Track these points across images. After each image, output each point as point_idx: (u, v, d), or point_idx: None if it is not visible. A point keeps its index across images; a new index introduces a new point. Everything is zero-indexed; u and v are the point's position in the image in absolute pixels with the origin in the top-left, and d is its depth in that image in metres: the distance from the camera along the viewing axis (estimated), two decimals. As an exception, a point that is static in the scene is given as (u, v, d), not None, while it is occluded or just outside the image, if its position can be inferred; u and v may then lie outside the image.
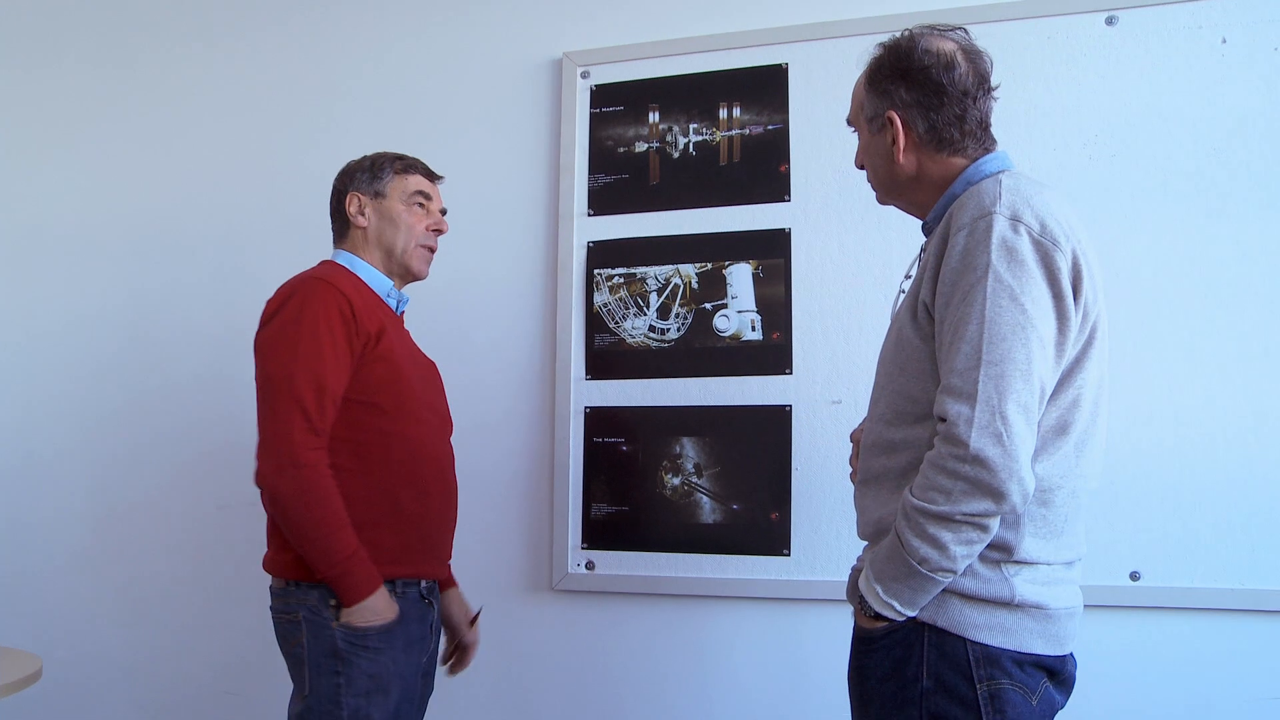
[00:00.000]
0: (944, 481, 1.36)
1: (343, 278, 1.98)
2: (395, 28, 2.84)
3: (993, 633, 1.41)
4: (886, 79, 1.58)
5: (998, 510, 1.35)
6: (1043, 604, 1.43)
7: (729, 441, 2.46)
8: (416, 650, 1.96)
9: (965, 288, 1.39)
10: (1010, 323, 1.36)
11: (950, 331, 1.40)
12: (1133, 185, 2.30)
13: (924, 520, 1.38)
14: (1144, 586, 2.22)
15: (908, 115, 1.56)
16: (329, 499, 1.81)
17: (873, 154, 1.65)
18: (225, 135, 2.93)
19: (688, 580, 2.46)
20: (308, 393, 1.82)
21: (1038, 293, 1.38)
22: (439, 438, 2.08)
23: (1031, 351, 1.36)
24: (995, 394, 1.34)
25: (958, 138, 1.56)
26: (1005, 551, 1.42)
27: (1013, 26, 2.39)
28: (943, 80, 1.54)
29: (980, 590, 1.41)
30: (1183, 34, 2.29)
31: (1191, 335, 2.24)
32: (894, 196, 1.67)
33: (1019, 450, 1.34)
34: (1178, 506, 2.21)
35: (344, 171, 2.12)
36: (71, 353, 2.97)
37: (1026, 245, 1.38)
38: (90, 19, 3.10)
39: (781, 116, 2.51)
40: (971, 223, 1.42)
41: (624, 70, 2.64)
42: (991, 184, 1.45)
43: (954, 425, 1.35)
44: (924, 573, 1.39)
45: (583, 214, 2.63)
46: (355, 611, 1.81)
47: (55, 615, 2.90)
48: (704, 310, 2.52)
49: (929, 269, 1.48)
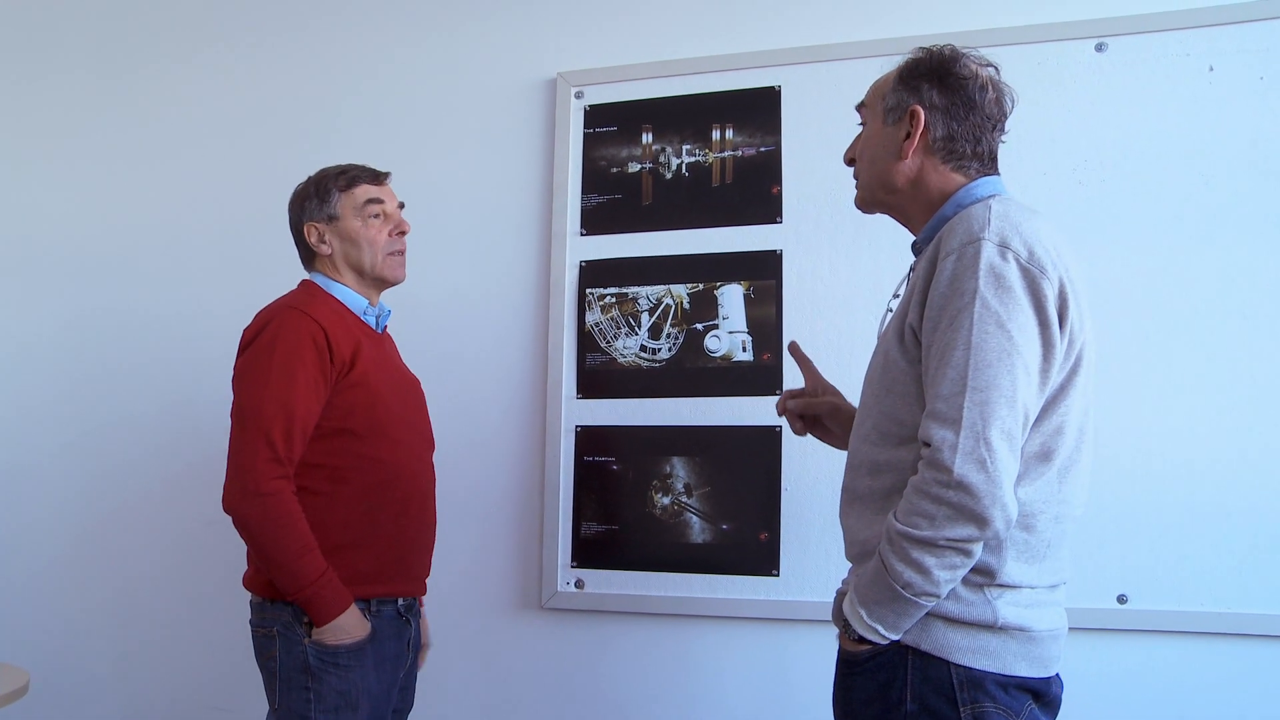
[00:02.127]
0: (928, 507, 1.37)
1: (319, 303, 1.99)
2: (390, 46, 2.86)
3: (976, 655, 1.41)
4: (922, 77, 1.59)
5: (981, 536, 1.36)
6: (1026, 626, 1.43)
7: (719, 462, 2.46)
8: (389, 667, 1.98)
9: (952, 313, 1.40)
10: (996, 349, 1.37)
11: (936, 356, 1.41)
12: (1121, 210, 2.31)
13: (908, 545, 1.38)
14: (1131, 609, 2.22)
15: (931, 116, 1.57)
16: (293, 525, 1.84)
17: (878, 145, 1.63)
18: (219, 149, 2.94)
19: (677, 600, 2.45)
20: (276, 424, 1.84)
21: (1024, 319, 1.38)
22: (416, 457, 2.09)
23: (1016, 378, 1.36)
24: (980, 420, 1.35)
25: (968, 155, 1.58)
26: (988, 575, 1.42)
27: (1003, 52, 2.35)
28: (976, 97, 1.57)
29: (963, 613, 1.42)
30: (1171, 61, 2.31)
31: (1179, 359, 2.25)
32: (881, 196, 1.66)
33: (1002, 476, 1.35)
34: (1166, 529, 2.22)
35: (293, 202, 2.12)
36: (61, 364, 2.97)
37: (1014, 272, 1.39)
38: (85, 30, 3.11)
39: (774, 138, 2.53)
40: (960, 248, 1.42)
41: (618, 91, 2.65)
42: (981, 209, 1.46)
43: (938, 451, 1.36)
44: (907, 597, 1.40)
45: (575, 233, 2.63)
46: (326, 630, 1.85)
47: (43, 629, 2.89)
48: (695, 330, 2.52)
49: (916, 291, 1.49)
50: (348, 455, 1.95)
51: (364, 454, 1.96)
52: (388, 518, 1.98)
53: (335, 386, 1.93)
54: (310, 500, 1.89)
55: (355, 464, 1.95)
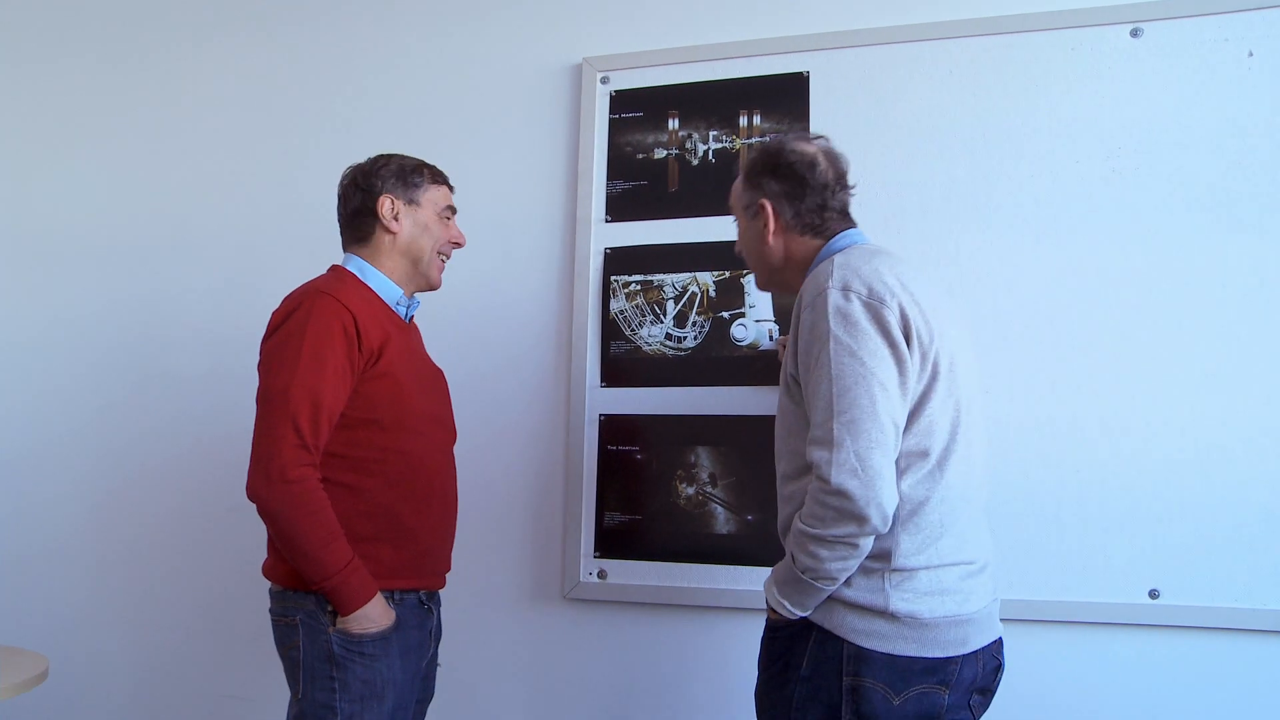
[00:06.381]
0: (818, 510, 1.62)
1: (350, 289, 1.97)
2: (414, 32, 2.84)
3: (866, 637, 1.64)
4: (759, 174, 1.88)
5: (861, 532, 1.60)
6: (916, 615, 1.64)
7: (744, 451, 2.44)
8: (414, 656, 1.97)
9: (815, 354, 1.65)
10: (852, 375, 1.61)
11: (810, 393, 1.66)
12: (1156, 199, 2.28)
13: (805, 539, 1.64)
14: (1163, 605, 2.19)
15: (777, 204, 1.86)
16: (320, 512, 1.82)
17: (749, 239, 1.93)
18: (241, 137, 2.93)
19: (700, 591, 2.43)
20: (303, 409, 1.82)
21: (873, 345, 1.62)
22: (439, 449, 2.08)
23: (875, 396, 1.60)
24: (849, 436, 1.59)
25: (819, 223, 1.85)
26: (884, 560, 1.65)
27: (1036, 38, 2.37)
28: (806, 176, 1.84)
29: (858, 598, 1.65)
30: (1209, 47, 2.27)
31: (1216, 350, 2.21)
32: (769, 277, 1.95)
33: (875, 479, 1.57)
34: (1199, 523, 2.18)
35: (367, 172, 2.06)
36: (86, 352, 2.98)
37: (857, 308, 1.64)
38: (102, 22, 3.11)
39: (802, 125, 2.50)
40: (812, 300, 1.69)
41: (644, 76, 2.63)
42: (825, 265, 1.74)
43: (820, 467, 1.61)
44: (806, 581, 1.66)
45: (600, 220, 2.61)
46: (352, 619, 1.84)
47: (63, 615, 2.89)
48: (721, 319, 2.50)
49: (791, 344, 1.75)
50: (372, 447, 1.93)
51: (389, 446, 1.94)
52: (411, 512, 1.96)
53: (362, 376, 1.91)
54: (333, 491, 1.86)
55: (380, 456, 1.93)
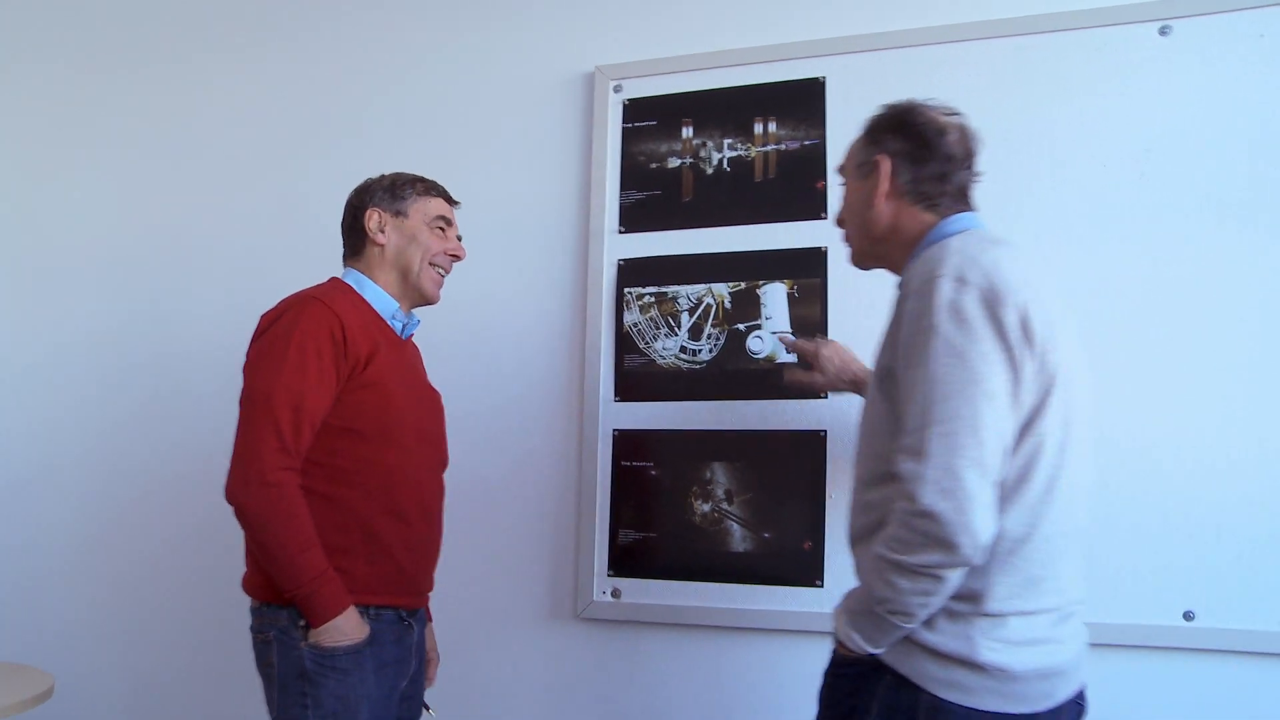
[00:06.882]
0: (902, 533, 1.43)
1: (342, 297, 1.95)
2: (425, 41, 2.81)
3: (949, 688, 1.45)
4: (883, 130, 1.70)
5: (949, 562, 1.40)
6: (1006, 668, 1.44)
7: (761, 467, 2.37)
8: (391, 672, 1.92)
9: (916, 350, 1.46)
10: (956, 380, 1.42)
11: (905, 392, 1.48)
12: (1187, 202, 2.19)
13: (884, 567, 1.46)
14: (1198, 627, 2.09)
15: (895, 164, 1.66)
16: (296, 518, 1.79)
17: (856, 199, 1.74)
18: (252, 150, 2.92)
19: (716, 610, 2.37)
20: (285, 412, 1.80)
21: (986, 348, 1.43)
22: (425, 468, 2.04)
23: (978, 407, 1.41)
24: (943, 451, 1.40)
25: (934, 196, 1.65)
26: (974, 602, 1.46)
27: (1061, 38, 2.30)
28: (933, 140, 1.65)
29: (940, 645, 1.46)
30: (1242, 43, 2.18)
31: (1251, 359, 2.12)
32: (868, 247, 1.75)
33: (969, 504, 1.38)
34: (1236, 542, 2.09)
35: (361, 188, 2.10)
36: (90, 366, 2.98)
37: (972, 303, 1.44)
38: (110, 32, 3.12)
39: (818, 131, 2.44)
40: (920, 287, 1.49)
41: (657, 84, 2.58)
42: (939, 249, 1.54)
43: (906, 482, 1.42)
44: (881, 614, 1.47)
45: (613, 231, 2.56)
46: (323, 631, 1.80)
47: (68, 633, 2.89)
48: (737, 331, 2.44)
49: (888, 332, 1.58)
50: (351, 457, 1.89)
51: (368, 457, 1.91)
52: (388, 526, 1.92)
53: (347, 384, 1.88)
54: (309, 500, 1.83)
55: (358, 466, 1.90)
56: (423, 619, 2.06)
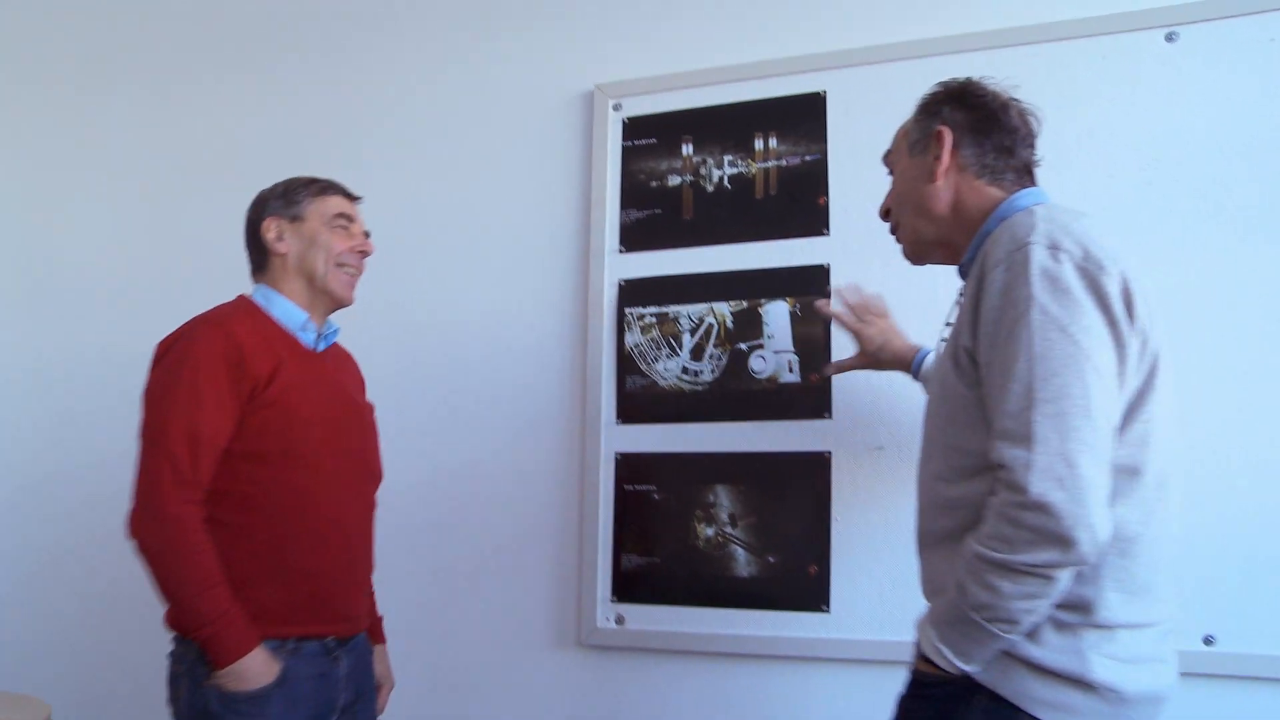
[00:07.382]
0: (1007, 530, 1.27)
1: (242, 317, 1.90)
2: (425, 60, 2.80)
3: (1054, 710, 1.30)
4: (941, 103, 1.59)
5: (1064, 560, 1.25)
6: (1118, 687, 1.30)
7: (765, 490, 2.32)
8: (304, 708, 1.82)
9: (1009, 325, 1.31)
10: (1061, 356, 1.27)
11: (999, 373, 1.32)
12: (1193, 211, 2.13)
13: (983, 567, 1.30)
14: (1219, 652, 2.02)
15: (957, 136, 1.55)
16: (196, 555, 1.73)
17: (910, 177, 1.61)
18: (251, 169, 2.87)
19: (721, 637, 2.31)
20: (180, 444, 1.74)
21: (1089, 321, 1.29)
22: (343, 487, 1.95)
23: (1089, 385, 1.27)
24: (1054, 434, 1.25)
25: (1001, 167, 1.54)
26: (1083, 612, 1.32)
27: (1066, 46, 2.25)
28: (997, 112, 1.55)
29: (1048, 661, 1.31)
30: (1250, 49, 2.12)
31: (1265, 374, 2.05)
32: (927, 231, 1.61)
33: (1086, 494, 1.24)
34: (1259, 564, 2.01)
35: (256, 200, 2.04)
36: (93, 392, 2.95)
37: (1070, 272, 1.30)
38: (114, 57, 3.13)
39: (820, 147, 2.40)
40: (1008, 256, 1.34)
41: (657, 102, 2.55)
42: (1024, 216, 1.39)
43: (1012, 471, 1.27)
44: (979, 621, 1.31)
45: (614, 250, 2.53)
46: (226, 674, 1.72)
47: (65, 661, 2.85)
48: (739, 351, 2.39)
49: (966, 311, 1.42)
50: (256, 481, 1.82)
51: (275, 479, 1.83)
52: (302, 551, 1.84)
53: (248, 405, 1.81)
54: (218, 531, 1.77)
55: (264, 490, 1.82)
56: (360, 646, 1.97)
